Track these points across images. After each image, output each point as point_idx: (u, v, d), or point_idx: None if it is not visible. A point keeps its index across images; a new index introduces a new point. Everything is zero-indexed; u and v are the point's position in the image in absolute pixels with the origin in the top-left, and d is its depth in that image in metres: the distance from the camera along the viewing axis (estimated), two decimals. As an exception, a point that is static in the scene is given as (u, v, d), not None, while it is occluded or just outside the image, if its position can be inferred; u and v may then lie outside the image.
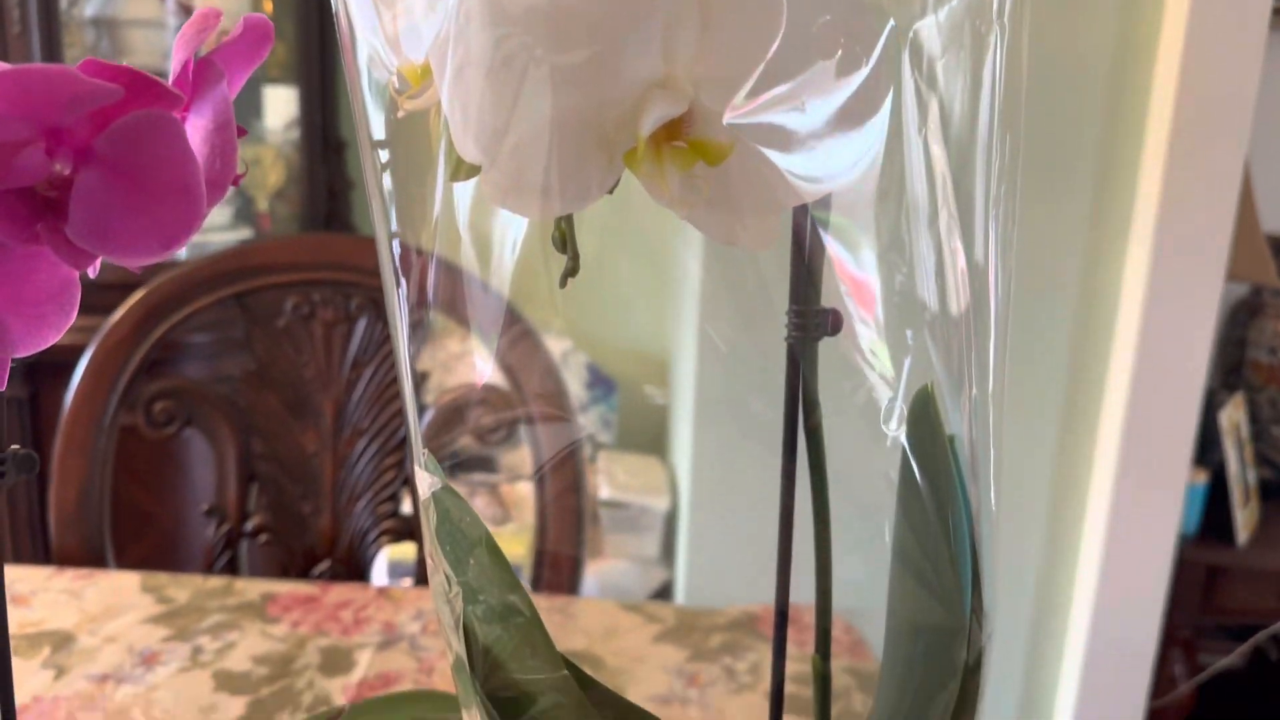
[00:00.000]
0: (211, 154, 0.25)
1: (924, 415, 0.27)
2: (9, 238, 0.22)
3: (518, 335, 0.96)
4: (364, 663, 0.74)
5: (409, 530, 0.97)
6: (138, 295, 0.90)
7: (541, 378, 0.95)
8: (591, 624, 0.81)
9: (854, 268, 0.30)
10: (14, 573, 0.85)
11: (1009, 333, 0.27)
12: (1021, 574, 1.50)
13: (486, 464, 1.97)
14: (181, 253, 1.13)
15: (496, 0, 0.19)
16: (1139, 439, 1.38)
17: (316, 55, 1.76)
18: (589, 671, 0.75)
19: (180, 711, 0.67)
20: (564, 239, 0.24)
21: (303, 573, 0.97)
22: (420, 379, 0.99)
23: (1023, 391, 1.44)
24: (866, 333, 0.30)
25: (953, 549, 0.26)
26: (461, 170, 0.24)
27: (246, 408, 0.94)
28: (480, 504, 1.79)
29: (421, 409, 1.00)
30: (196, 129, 0.25)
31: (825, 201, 0.26)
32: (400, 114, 0.24)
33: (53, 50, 1.42)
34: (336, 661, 0.74)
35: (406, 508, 0.98)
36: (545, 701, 0.25)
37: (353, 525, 0.97)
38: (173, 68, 0.25)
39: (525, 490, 1.88)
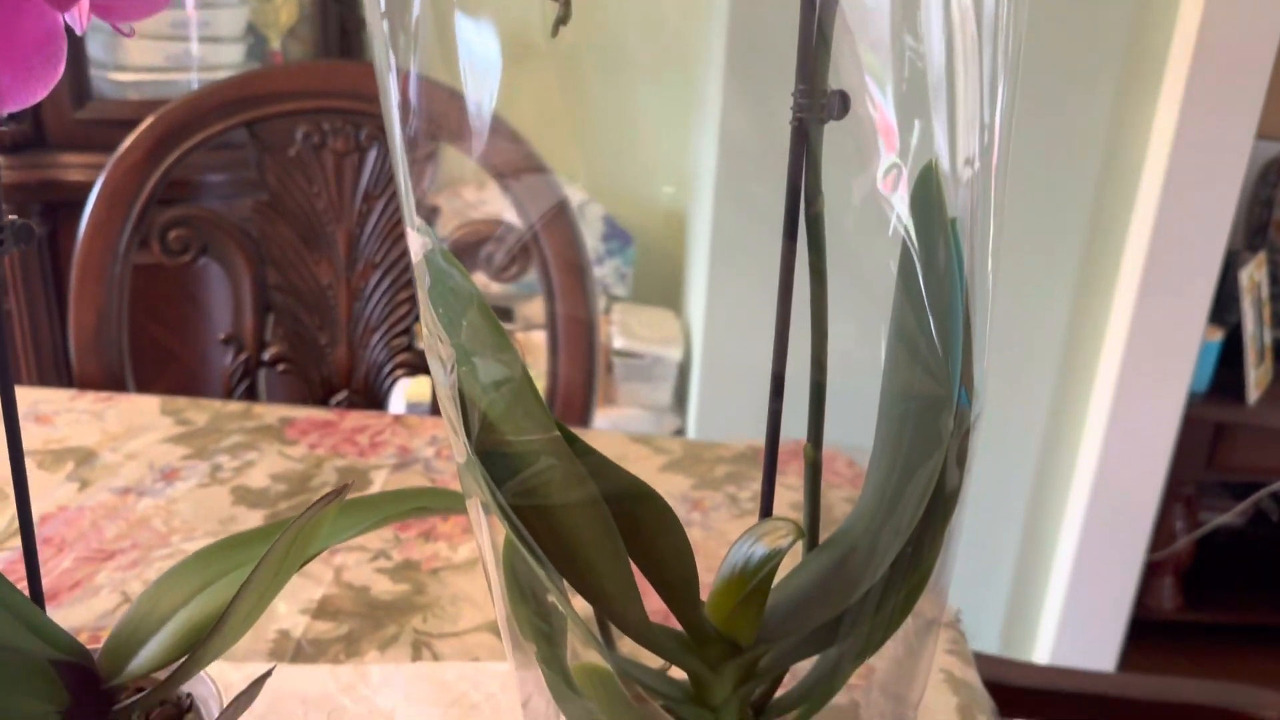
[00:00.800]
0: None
1: (925, 190, 0.27)
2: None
3: (523, 164, 0.95)
4: (379, 481, 0.76)
5: (424, 365, 0.99)
6: (148, 122, 0.89)
7: (559, 224, 0.94)
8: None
9: (868, 47, 0.29)
10: (37, 394, 0.87)
11: (1016, 105, 0.27)
12: (1029, 421, 1.52)
13: (504, 315, 1.98)
14: (193, 83, 1.13)
15: None
16: (1156, 293, 1.37)
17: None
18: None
19: (199, 522, 0.69)
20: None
21: (321, 403, 0.99)
22: (431, 211, 0.98)
23: (1043, 239, 1.42)
24: (874, 114, 0.29)
25: (945, 323, 0.26)
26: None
27: (260, 238, 0.94)
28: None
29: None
30: None
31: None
32: None
33: None
34: (352, 480, 0.76)
35: (421, 343, 0.99)
36: (537, 463, 0.26)
37: (368, 358, 0.98)
38: None
39: (540, 339, 1.90)
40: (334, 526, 0.37)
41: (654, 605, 0.32)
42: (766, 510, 0.35)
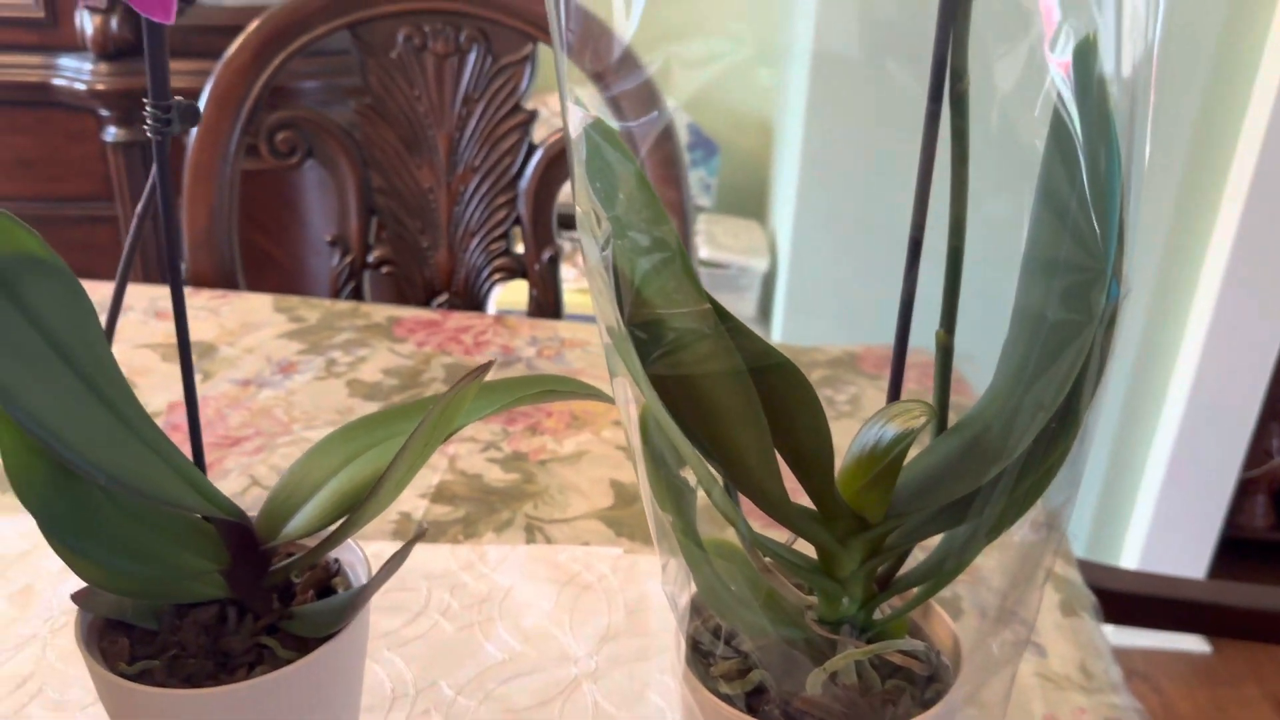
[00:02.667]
0: None
1: (1084, 61, 0.27)
2: None
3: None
4: (487, 378, 0.78)
5: (521, 269, 1.00)
6: (253, 25, 0.91)
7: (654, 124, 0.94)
8: (698, 355, 0.84)
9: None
10: (154, 291, 0.91)
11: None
12: (1126, 327, 1.48)
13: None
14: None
15: None
16: (1265, 202, 1.32)
17: None
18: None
19: (318, 412, 0.72)
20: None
21: (422, 304, 1.01)
22: (530, 116, 0.98)
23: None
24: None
25: (1101, 190, 0.26)
26: None
27: (364, 141, 0.95)
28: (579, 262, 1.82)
29: (531, 148, 0.99)
30: None
31: None
32: None
33: None
34: (459, 376, 0.79)
35: (519, 248, 1.01)
36: (687, 334, 0.27)
37: (468, 261, 1.00)
38: None
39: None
40: (473, 405, 0.38)
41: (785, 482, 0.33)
42: (895, 393, 0.35)
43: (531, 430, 0.71)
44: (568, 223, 0.84)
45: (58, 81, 1.54)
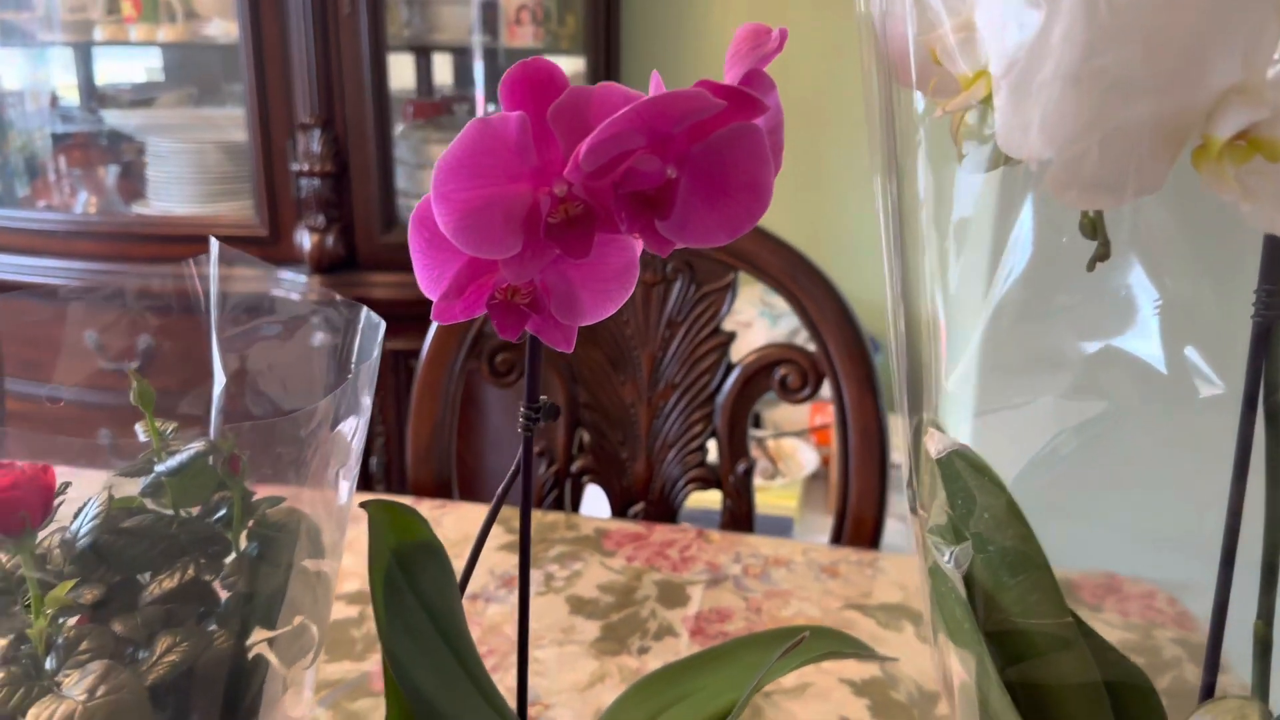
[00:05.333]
0: (771, 153, 0.29)
1: None
2: (627, 230, 0.28)
3: (821, 294, 0.99)
4: (697, 598, 0.80)
5: (715, 479, 1.03)
6: (482, 256, 1.00)
7: (848, 342, 0.98)
8: (906, 579, 0.84)
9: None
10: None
11: None
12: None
13: (755, 421, 2.02)
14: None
15: (1095, 19, 0.22)
16: None
17: (603, 26, 1.84)
18: (910, 625, 0.77)
19: (544, 630, 0.75)
20: (1094, 227, 0.26)
21: (619, 512, 1.05)
22: (729, 338, 1.03)
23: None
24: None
25: None
26: (998, 162, 0.27)
27: (573, 360, 1.02)
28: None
29: (729, 366, 1.04)
30: (759, 132, 0.29)
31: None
32: (938, 114, 0.27)
33: (378, 29, 1.56)
34: (672, 595, 0.81)
35: (712, 457, 1.04)
36: (1047, 643, 0.29)
37: (664, 472, 1.03)
38: (728, 77, 0.30)
39: (789, 446, 1.92)
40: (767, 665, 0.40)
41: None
42: (1209, 687, 0.36)
43: (751, 656, 0.72)
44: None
45: (275, 293, 1.71)
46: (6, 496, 0.29)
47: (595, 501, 1.09)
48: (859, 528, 0.98)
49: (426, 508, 0.96)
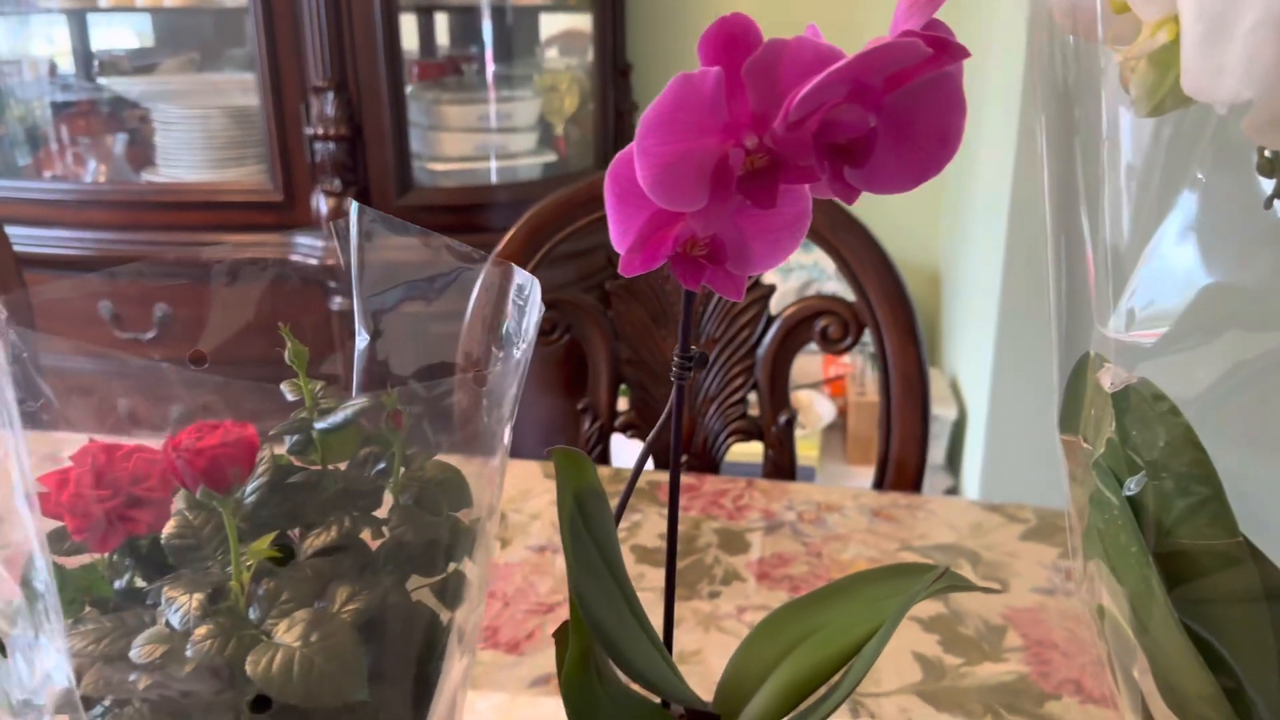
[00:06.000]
0: (954, 103, 0.30)
1: None
2: (829, 179, 0.29)
3: (860, 244, 1.00)
4: (757, 544, 0.82)
5: (757, 431, 1.05)
6: (524, 218, 1.00)
7: (890, 291, 0.99)
8: (957, 521, 0.86)
9: None
10: (432, 460, 0.99)
11: None
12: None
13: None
14: (492, 170, 1.23)
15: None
16: None
17: (610, -19, 1.82)
18: (967, 564, 0.79)
19: (614, 579, 0.77)
20: (1272, 166, 0.28)
21: (661, 467, 1.07)
22: (769, 290, 1.04)
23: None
24: None
25: None
26: (1166, 105, 0.28)
27: (615, 317, 1.03)
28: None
29: (769, 319, 1.05)
30: (941, 83, 0.30)
31: None
32: (1117, 60, 0.28)
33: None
34: (732, 542, 0.83)
35: (753, 410, 1.05)
36: (1215, 563, 0.30)
37: (706, 425, 1.05)
38: (906, 25, 0.31)
39: (805, 398, 1.94)
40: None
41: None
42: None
43: (819, 599, 0.74)
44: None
45: (293, 258, 1.70)
46: (219, 453, 0.30)
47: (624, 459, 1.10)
48: (901, 473, 1.00)
49: (478, 466, 0.97)
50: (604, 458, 1.06)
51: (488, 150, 1.69)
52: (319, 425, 0.38)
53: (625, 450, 1.07)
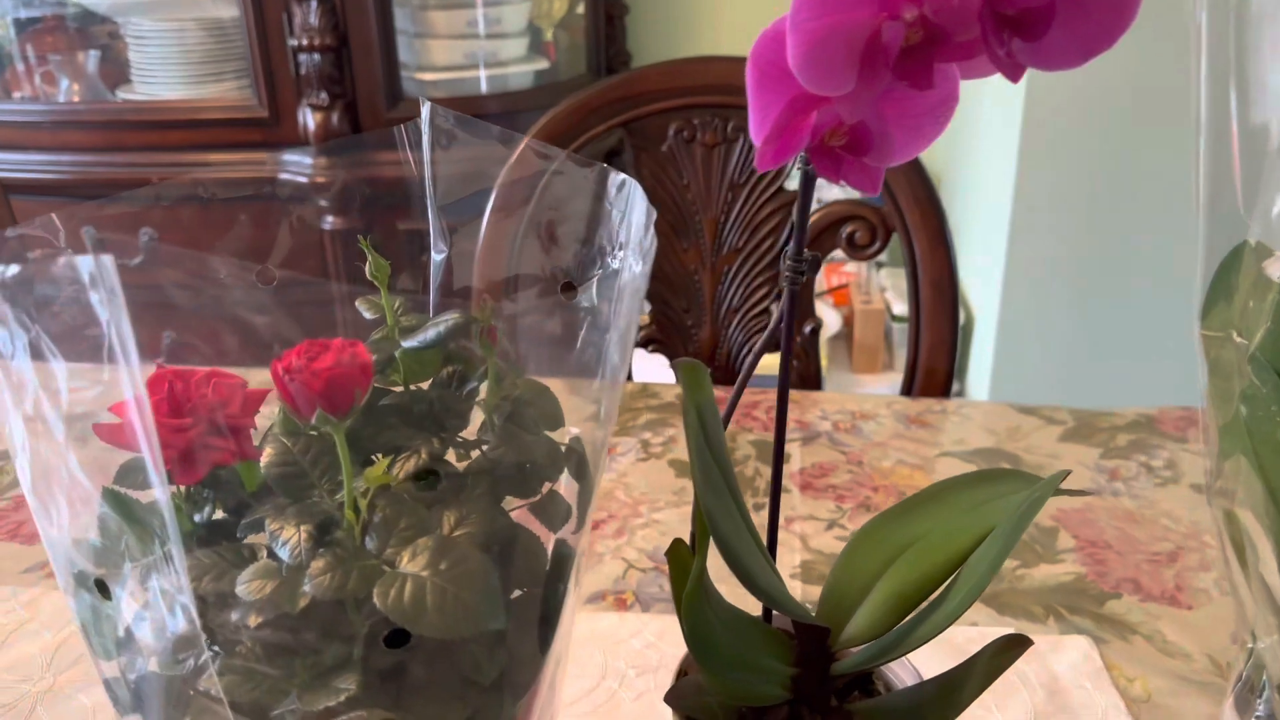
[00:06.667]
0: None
1: None
2: (996, 54, 0.26)
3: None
4: (796, 455, 0.81)
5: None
6: (537, 125, 0.97)
7: (919, 196, 0.96)
8: (994, 424, 0.86)
9: None
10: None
11: None
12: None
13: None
14: (482, 79, 1.17)
15: None
16: None
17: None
18: (1007, 465, 0.78)
19: (656, 493, 0.76)
20: None
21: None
22: (792, 197, 1.02)
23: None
24: None
25: None
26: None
27: (634, 228, 1.00)
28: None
29: (793, 227, 1.03)
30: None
31: None
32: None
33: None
34: (770, 453, 0.81)
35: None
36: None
37: (729, 338, 1.03)
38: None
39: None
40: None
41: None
42: None
43: (865, 508, 0.73)
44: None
45: (281, 175, 1.65)
46: (335, 374, 0.28)
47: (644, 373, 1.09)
48: (930, 379, 0.99)
49: (501, 384, 0.95)
50: (628, 374, 1.04)
51: (476, 58, 1.63)
52: (407, 343, 0.36)
53: (646, 365, 1.05)
